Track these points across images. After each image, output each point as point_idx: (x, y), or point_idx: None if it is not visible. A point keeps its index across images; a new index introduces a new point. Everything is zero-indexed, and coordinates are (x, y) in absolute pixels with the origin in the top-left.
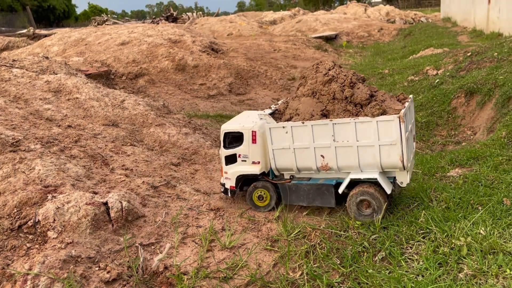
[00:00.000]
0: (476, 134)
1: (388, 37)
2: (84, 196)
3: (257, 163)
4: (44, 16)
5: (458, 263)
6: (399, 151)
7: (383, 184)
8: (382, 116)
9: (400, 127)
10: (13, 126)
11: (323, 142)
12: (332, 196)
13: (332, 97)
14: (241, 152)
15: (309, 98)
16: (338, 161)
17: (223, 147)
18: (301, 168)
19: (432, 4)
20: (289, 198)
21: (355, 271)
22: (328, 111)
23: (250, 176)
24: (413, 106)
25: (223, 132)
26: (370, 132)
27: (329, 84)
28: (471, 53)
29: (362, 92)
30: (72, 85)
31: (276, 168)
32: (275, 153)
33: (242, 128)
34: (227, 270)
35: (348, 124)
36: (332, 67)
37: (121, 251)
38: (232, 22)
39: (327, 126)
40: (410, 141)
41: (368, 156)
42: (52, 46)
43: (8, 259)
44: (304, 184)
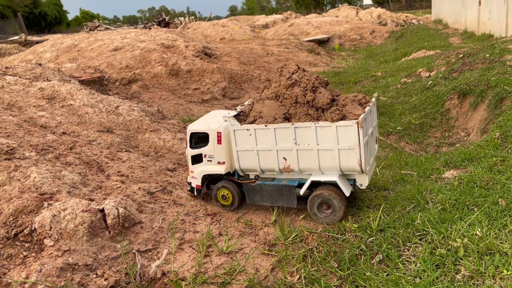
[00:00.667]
0: (470, 135)
1: (380, 40)
2: (80, 203)
3: (222, 163)
4: (36, 22)
5: (455, 264)
6: (357, 155)
7: (342, 187)
8: (341, 122)
9: (359, 132)
10: (7, 134)
11: (285, 145)
12: (294, 196)
13: (295, 101)
14: (206, 152)
15: (272, 101)
16: (300, 163)
17: (190, 147)
18: (265, 169)
19: (423, 6)
20: (253, 198)
21: (352, 274)
22: (291, 115)
23: (216, 176)
24: (375, 109)
25: (189, 132)
26: (330, 136)
27: (292, 88)
28: (463, 54)
29: (323, 96)
30: (66, 92)
31: (240, 168)
32: (239, 155)
33: (207, 129)
34: (225, 275)
35: (309, 128)
36: (296, 70)
37: (118, 258)
38: (225, 27)
39: (289, 129)
40: (371, 144)
41: (328, 159)
42: (44, 52)
43: (5, 268)
44: (268, 184)
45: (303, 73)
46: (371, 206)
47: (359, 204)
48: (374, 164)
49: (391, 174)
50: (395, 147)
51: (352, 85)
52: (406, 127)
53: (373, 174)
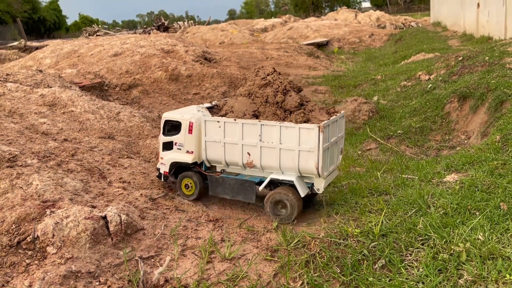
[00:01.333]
0: (470, 138)
1: (379, 43)
2: (83, 210)
3: (191, 153)
4: (35, 27)
5: (457, 269)
6: (315, 158)
7: (298, 188)
8: (304, 124)
9: (319, 137)
10: (9, 141)
11: (251, 141)
12: (253, 192)
13: (265, 100)
14: (177, 141)
15: (245, 98)
16: (262, 160)
17: (162, 133)
18: (229, 162)
19: (421, 8)
20: (215, 189)
21: (355, 279)
22: (260, 113)
23: (183, 164)
24: (343, 122)
25: (163, 120)
26: (292, 137)
27: (265, 88)
28: (463, 57)
29: (292, 99)
30: (67, 98)
31: (207, 159)
32: (207, 145)
33: (181, 118)
34: (228, 281)
35: (274, 127)
36: (271, 73)
37: (121, 265)
38: (224, 31)
39: (256, 126)
40: (334, 153)
41: (288, 159)
42: (44, 58)
43: (8, 276)
44: (231, 178)
45: (277, 76)
46: (372, 211)
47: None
48: (336, 173)
49: (392, 179)
50: (396, 150)
51: (352, 88)
52: (406, 130)
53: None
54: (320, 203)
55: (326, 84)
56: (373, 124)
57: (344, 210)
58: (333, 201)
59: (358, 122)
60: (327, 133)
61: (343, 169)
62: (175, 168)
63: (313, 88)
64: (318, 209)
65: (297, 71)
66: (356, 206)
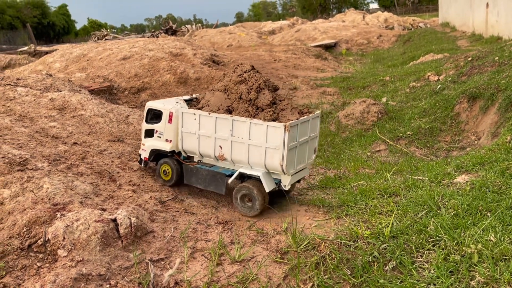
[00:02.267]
0: (481, 139)
1: (387, 44)
2: (93, 213)
3: (169, 141)
4: (44, 32)
5: (469, 270)
6: (280, 156)
7: (264, 183)
8: (272, 122)
9: (285, 136)
10: (19, 145)
11: (223, 135)
12: (224, 184)
13: (239, 97)
14: (158, 129)
15: (221, 93)
16: (232, 154)
17: (145, 121)
18: (203, 154)
19: (430, 9)
20: (189, 178)
21: (366, 281)
22: (233, 108)
23: (162, 152)
24: (317, 122)
25: (147, 108)
26: (260, 134)
27: (240, 85)
28: (472, 57)
29: (265, 98)
30: (77, 102)
31: (183, 149)
32: (184, 136)
33: (162, 107)
34: (238, 283)
35: (245, 123)
36: (248, 70)
37: (131, 268)
38: (232, 33)
39: (228, 121)
40: (304, 152)
41: (256, 155)
42: (54, 62)
43: (19, 279)
44: (204, 169)
45: (254, 74)
46: (382, 212)
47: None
48: (306, 172)
49: (402, 180)
50: (405, 152)
51: (361, 90)
52: (416, 131)
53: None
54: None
55: (335, 85)
56: (382, 125)
57: (354, 212)
58: (343, 203)
59: (367, 123)
60: (294, 133)
61: (352, 171)
62: (155, 155)
63: (321, 90)
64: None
65: (305, 73)
66: (366, 207)
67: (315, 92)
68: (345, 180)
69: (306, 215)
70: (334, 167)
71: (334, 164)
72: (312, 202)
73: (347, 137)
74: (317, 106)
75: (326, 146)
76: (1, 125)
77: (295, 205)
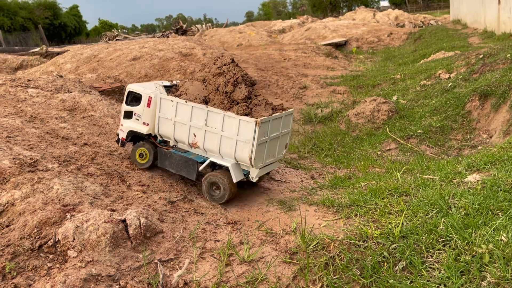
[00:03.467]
0: (492, 137)
1: (398, 42)
2: (103, 214)
3: (147, 125)
4: (56, 33)
5: (480, 271)
6: (250, 149)
7: (233, 173)
8: (244, 116)
9: (255, 130)
10: (30, 146)
11: (198, 123)
12: (195, 171)
13: (216, 89)
14: (136, 111)
15: (199, 83)
16: (205, 143)
17: (125, 103)
18: (177, 140)
19: (441, 6)
20: (163, 162)
21: (375, 281)
22: (209, 99)
23: (139, 134)
24: (290, 119)
25: (127, 90)
26: (233, 127)
27: (218, 77)
28: (483, 55)
29: (241, 92)
30: (87, 103)
31: (159, 133)
32: (160, 121)
33: (142, 91)
34: (247, 284)
35: (219, 115)
36: (228, 63)
37: (140, 268)
38: (241, 33)
39: (203, 111)
40: (274, 147)
41: (227, 146)
42: (65, 63)
43: (30, 279)
44: (177, 154)
45: (233, 67)
46: (392, 212)
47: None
48: (276, 165)
49: (412, 179)
50: (416, 150)
51: (371, 88)
52: (426, 130)
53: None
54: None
55: (345, 84)
56: (392, 124)
57: (364, 212)
58: (353, 203)
59: (377, 122)
60: (265, 128)
61: (362, 170)
62: (132, 136)
63: (331, 89)
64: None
65: (315, 71)
66: (375, 207)
67: (325, 91)
68: (355, 180)
69: (316, 215)
70: (344, 166)
71: (344, 163)
72: (322, 202)
73: (357, 136)
74: (327, 105)
75: (336, 145)
76: (12, 127)
77: (304, 205)
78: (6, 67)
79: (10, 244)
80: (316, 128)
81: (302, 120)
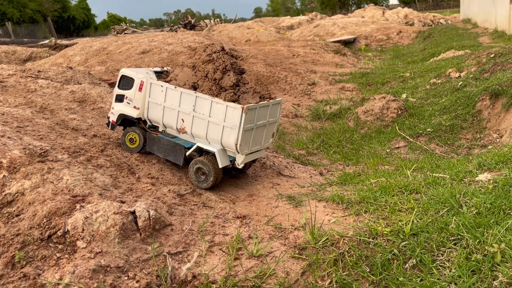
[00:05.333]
0: (503, 137)
1: (407, 40)
2: (112, 205)
3: (137, 109)
4: (65, 26)
5: (492, 270)
6: (235, 135)
7: (218, 159)
8: (231, 103)
9: (241, 117)
10: (40, 137)
11: (186, 109)
12: (182, 156)
13: (205, 75)
14: (128, 95)
15: (189, 70)
16: (193, 128)
17: (117, 86)
18: (166, 125)
19: (450, 5)
20: (151, 147)
21: (385, 279)
22: (198, 85)
23: (129, 118)
24: (278, 108)
25: (120, 74)
26: (220, 113)
27: (207, 64)
28: (494, 54)
29: (229, 79)
30: (97, 95)
31: (148, 118)
32: (150, 105)
33: (135, 75)
34: (255, 278)
35: (206, 100)
36: (218, 51)
37: (149, 260)
38: (250, 28)
39: (192, 96)
40: (261, 135)
41: (214, 131)
42: (74, 56)
43: (39, 269)
44: (165, 139)
45: (222, 55)
46: (403, 209)
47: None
48: (263, 153)
49: (422, 177)
50: (426, 149)
51: (380, 86)
52: (436, 128)
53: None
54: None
55: (354, 81)
56: (402, 122)
57: (374, 209)
58: (362, 199)
59: (386, 120)
60: (252, 116)
61: (371, 167)
62: (122, 120)
63: (340, 86)
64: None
65: (324, 68)
66: (385, 204)
67: (334, 88)
68: (364, 177)
69: (325, 211)
70: (352, 163)
71: (353, 160)
72: (331, 198)
73: (366, 133)
74: (336, 102)
75: (344, 142)
76: (22, 117)
77: (313, 201)
78: (15, 59)
79: (20, 233)
80: (325, 124)
81: (311, 117)
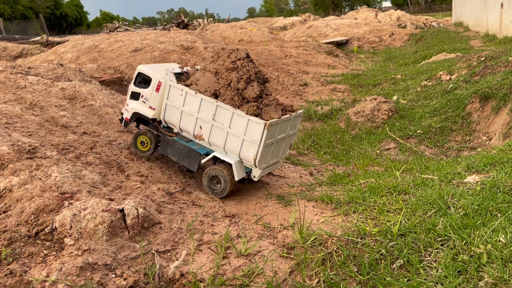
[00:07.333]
0: (492, 139)
1: (399, 42)
2: (101, 203)
3: (153, 109)
4: (57, 23)
5: (478, 271)
6: (255, 150)
7: (235, 171)
8: (253, 117)
9: (263, 133)
10: (29, 133)
11: (205, 116)
12: (197, 162)
13: (228, 84)
14: (144, 94)
15: (211, 76)
16: (211, 137)
17: (133, 83)
18: (183, 129)
19: (443, 9)
20: (165, 149)
21: (372, 279)
22: (220, 94)
23: (143, 117)
24: (298, 120)
25: (137, 71)
26: (240, 125)
27: (231, 72)
28: (485, 57)
29: (252, 90)
30: (87, 92)
31: (164, 120)
32: (167, 108)
33: (153, 75)
34: (244, 277)
35: (228, 111)
36: (243, 58)
37: (137, 258)
38: (243, 28)
39: (212, 104)
40: (279, 148)
41: (233, 143)
42: (65, 53)
43: (26, 266)
44: (181, 143)
45: (247, 63)
46: (391, 210)
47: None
48: (279, 164)
49: (411, 178)
50: (415, 150)
51: (371, 87)
52: (426, 130)
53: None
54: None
55: (345, 82)
56: (392, 123)
57: (362, 209)
58: (351, 200)
59: (377, 121)
60: (273, 131)
61: (361, 168)
62: (136, 118)
63: (332, 87)
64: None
65: (316, 69)
66: (374, 205)
67: (326, 89)
68: (354, 177)
69: (314, 211)
70: (343, 164)
71: (343, 161)
72: (320, 198)
73: (357, 134)
74: (327, 103)
75: (335, 142)
76: (12, 113)
77: (303, 201)
78: (6, 55)
79: (7, 230)
80: (316, 125)
81: (302, 117)
